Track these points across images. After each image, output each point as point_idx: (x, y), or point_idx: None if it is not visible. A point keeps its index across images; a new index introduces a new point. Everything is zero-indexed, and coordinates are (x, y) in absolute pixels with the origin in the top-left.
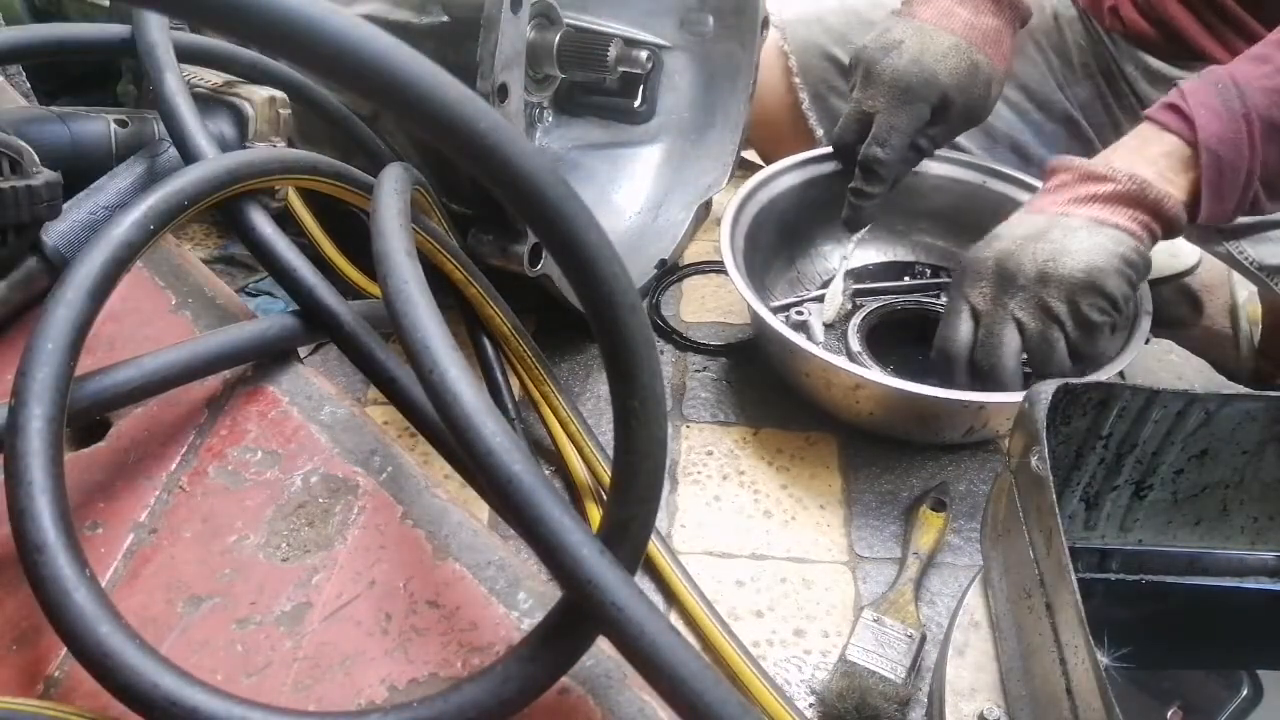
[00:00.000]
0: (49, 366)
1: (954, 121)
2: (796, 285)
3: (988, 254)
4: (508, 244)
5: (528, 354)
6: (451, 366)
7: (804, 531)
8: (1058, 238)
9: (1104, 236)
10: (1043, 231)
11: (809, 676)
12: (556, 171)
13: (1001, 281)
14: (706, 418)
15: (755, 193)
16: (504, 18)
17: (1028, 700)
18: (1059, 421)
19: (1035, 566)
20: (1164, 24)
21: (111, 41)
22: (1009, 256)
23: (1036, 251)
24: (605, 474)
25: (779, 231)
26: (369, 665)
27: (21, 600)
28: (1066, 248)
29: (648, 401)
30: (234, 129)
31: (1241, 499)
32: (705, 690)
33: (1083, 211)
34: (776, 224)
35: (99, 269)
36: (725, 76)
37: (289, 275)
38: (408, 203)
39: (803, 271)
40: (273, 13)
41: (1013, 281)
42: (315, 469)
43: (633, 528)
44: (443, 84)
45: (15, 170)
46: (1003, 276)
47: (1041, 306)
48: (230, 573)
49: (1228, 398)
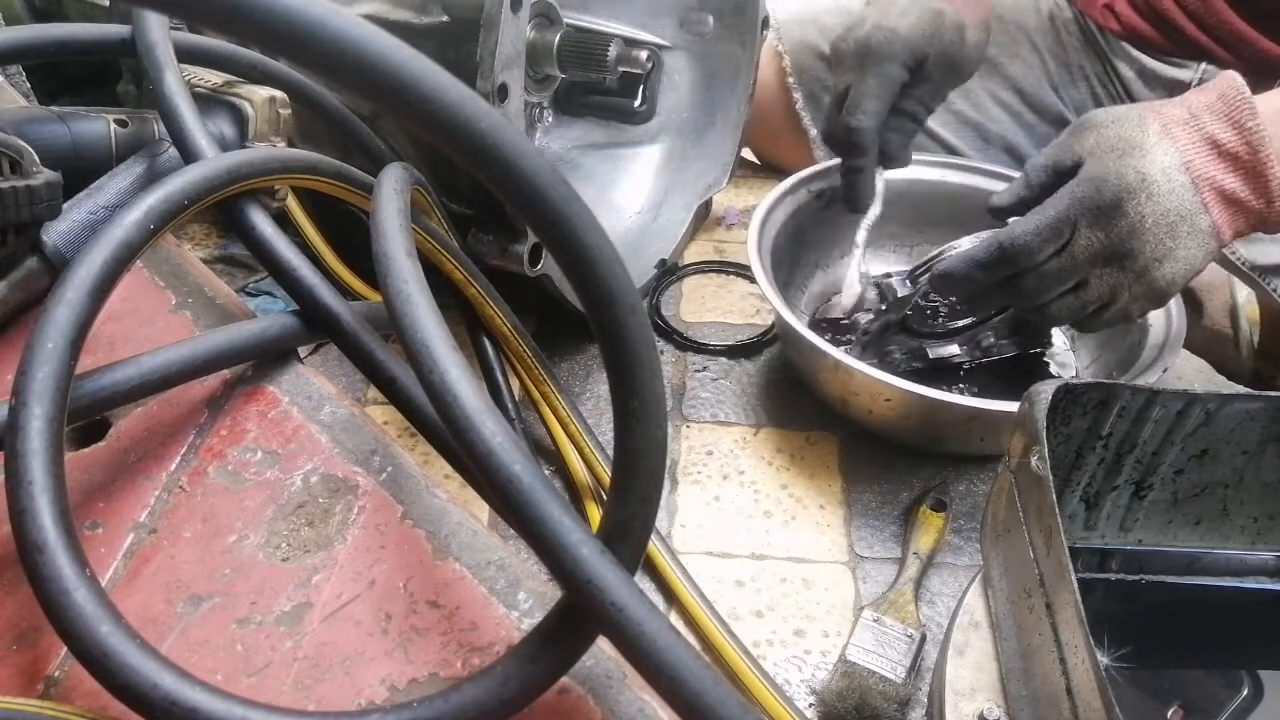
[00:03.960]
0: (49, 366)
1: (936, 77)
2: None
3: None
4: (508, 244)
5: (528, 354)
6: (451, 367)
7: (804, 531)
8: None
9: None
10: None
11: (809, 676)
12: (557, 172)
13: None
14: (706, 418)
15: (786, 196)
16: (504, 18)
17: (1028, 700)
18: (1059, 421)
19: (1035, 566)
20: (1163, 22)
21: (111, 41)
22: (1140, 234)
23: (1159, 245)
24: (605, 474)
25: (802, 236)
26: (369, 665)
27: (21, 600)
28: (1176, 253)
29: (648, 401)
30: (234, 129)
31: (1241, 499)
32: (705, 690)
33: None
34: (801, 229)
35: (99, 269)
36: (725, 76)
37: (289, 275)
38: (408, 203)
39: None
40: (273, 13)
41: (1121, 259)
42: (315, 469)
43: (633, 528)
44: (443, 84)
45: (15, 170)
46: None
47: (1113, 288)
48: (230, 573)
49: (1228, 398)
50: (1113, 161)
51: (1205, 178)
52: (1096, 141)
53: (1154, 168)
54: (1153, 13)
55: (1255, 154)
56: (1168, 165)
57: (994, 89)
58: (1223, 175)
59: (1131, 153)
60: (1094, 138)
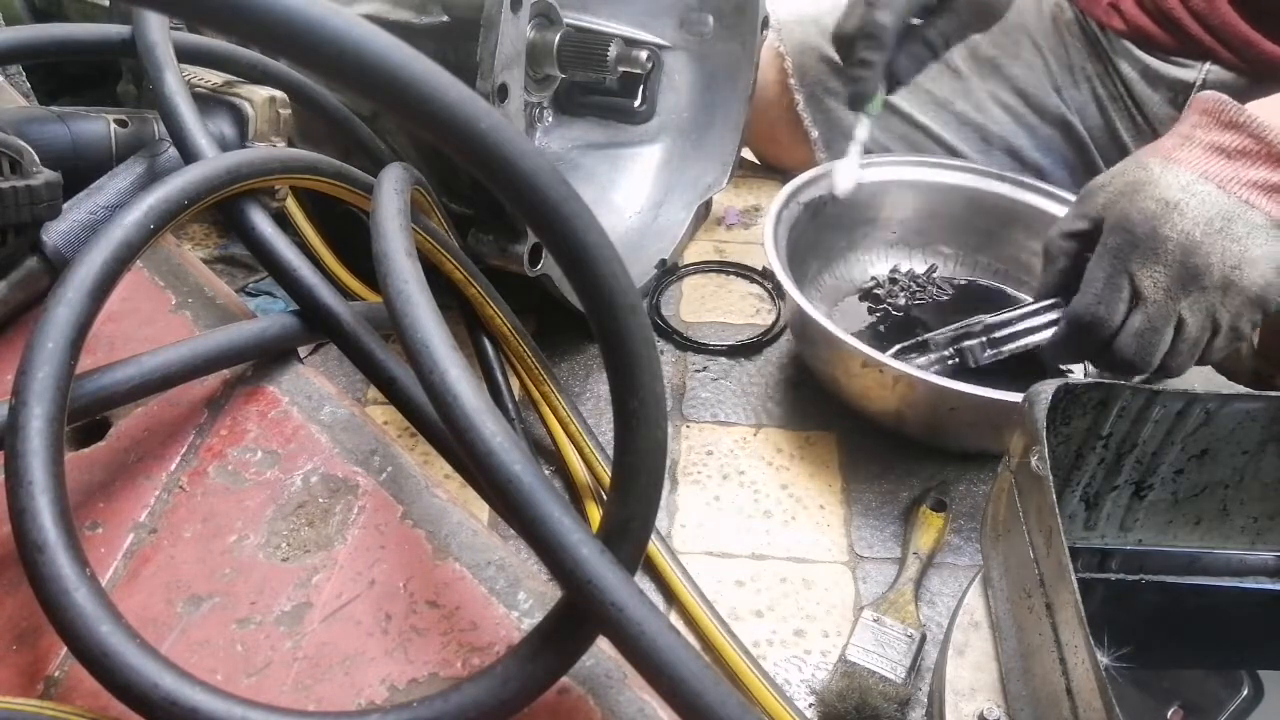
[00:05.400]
0: (49, 365)
1: (963, 13)
2: (829, 294)
3: (1169, 233)
4: (508, 244)
5: (528, 354)
6: (452, 367)
7: (804, 531)
8: (1242, 236)
9: None
10: (1228, 222)
11: (809, 676)
12: (557, 172)
13: (1185, 276)
14: (706, 418)
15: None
16: (504, 18)
17: (1028, 700)
18: (1059, 421)
19: (1035, 566)
20: (1168, 21)
21: (111, 41)
22: (1197, 250)
23: (1226, 253)
24: (605, 474)
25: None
26: (369, 665)
27: (21, 600)
28: (1250, 254)
29: (648, 401)
30: (234, 129)
31: (1241, 499)
32: (705, 690)
33: (1267, 204)
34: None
35: (99, 269)
36: (725, 76)
37: (289, 275)
38: (408, 203)
39: (841, 277)
40: (273, 13)
41: (1195, 281)
42: (315, 469)
43: (633, 528)
44: (443, 84)
45: (15, 170)
46: (1187, 270)
47: (1211, 313)
48: (230, 573)
49: (1228, 398)
50: (1128, 204)
51: (1228, 178)
52: (1105, 198)
53: (1171, 190)
54: (1158, 11)
55: (1262, 140)
56: (1185, 183)
57: (995, 90)
58: (1246, 171)
59: (1143, 188)
60: (1101, 196)
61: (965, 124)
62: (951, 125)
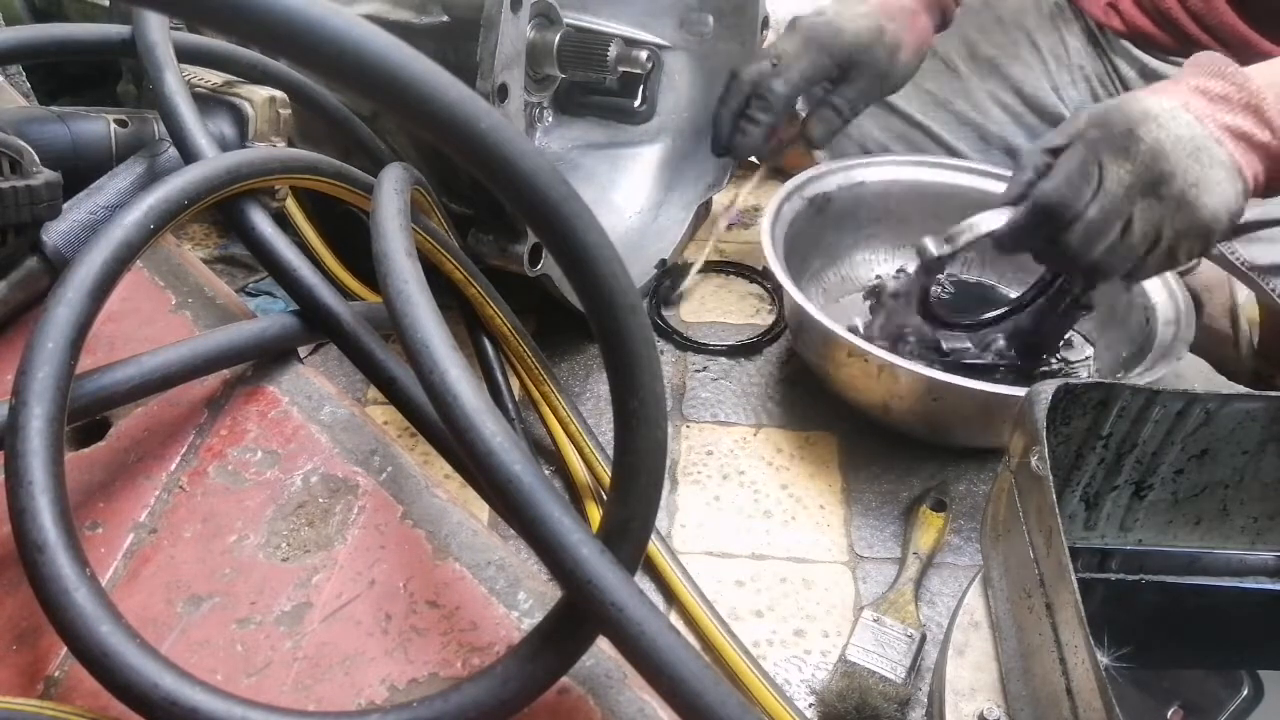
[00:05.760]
0: (49, 365)
1: (864, 84)
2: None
3: (1144, 135)
4: (508, 244)
5: (528, 354)
6: (452, 367)
7: (804, 531)
8: (1206, 164)
9: (1237, 188)
10: (1197, 149)
11: (809, 676)
12: (557, 172)
13: (1148, 179)
14: (706, 418)
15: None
16: (504, 18)
17: (1028, 700)
18: (1059, 421)
19: (1035, 566)
20: (1166, 20)
21: (111, 41)
22: (1166, 158)
23: (1189, 171)
24: (605, 474)
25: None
26: (369, 665)
27: (21, 600)
28: (1209, 182)
29: (648, 401)
30: (234, 129)
31: (1241, 499)
32: (705, 690)
33: (1234, 148)
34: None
35: (99, 268)
36: (725, 76)
37: (289, 275)
38: (408, 203)
39: (844, 276)
40: (273, 13)
41: (1155, 189)
42: (315, 469)
43: (633, 528)
44: (443, 84)
45: (15, 170)
46: (1151, 174)
47: (1157, 224)
48: (230, 573)
49: (1228, 398)
50: (1111, 110)
51: (1206, 115)
52: (1089, 115)
53: (1155, 105)
54: (1156, 11)
55: (1244, 89)
56: (1167, 105)
57: (994, 90)
58: (1222, 113)
59: (1127, 102)
60: (1085, 116)
61: (964, 123)
62: (950, 125)
